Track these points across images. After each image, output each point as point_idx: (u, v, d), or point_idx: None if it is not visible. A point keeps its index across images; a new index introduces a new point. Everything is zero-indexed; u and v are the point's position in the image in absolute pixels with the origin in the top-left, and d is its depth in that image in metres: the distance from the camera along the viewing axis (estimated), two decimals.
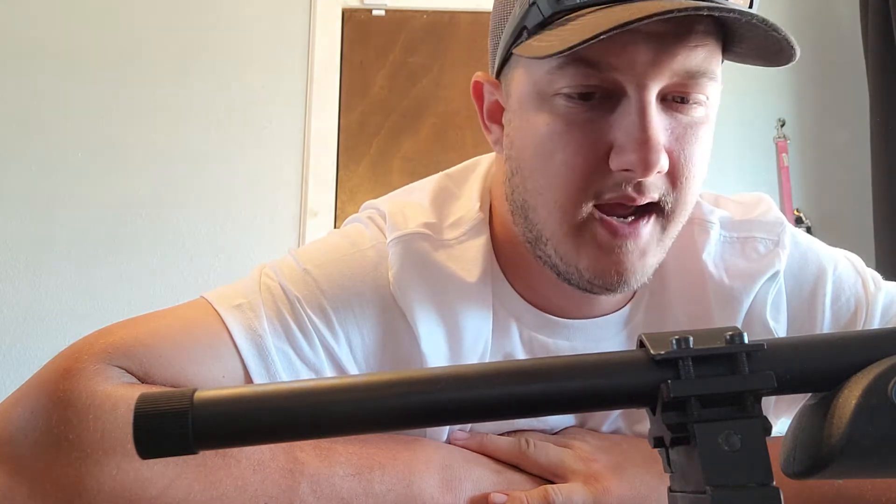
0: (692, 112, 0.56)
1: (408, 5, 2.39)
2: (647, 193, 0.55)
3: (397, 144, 2.30)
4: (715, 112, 0.59)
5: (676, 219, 0.58)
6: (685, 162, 0.56)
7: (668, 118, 0.55)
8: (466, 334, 0.64)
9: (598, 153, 0.55)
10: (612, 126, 0.54)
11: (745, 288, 0.65)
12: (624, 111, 0.54)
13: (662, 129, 0.54)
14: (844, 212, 2.34)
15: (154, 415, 0.31)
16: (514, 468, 0.63)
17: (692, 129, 0.56)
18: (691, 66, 0.54)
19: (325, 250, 0.66)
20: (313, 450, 0.57)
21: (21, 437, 0.51)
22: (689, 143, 0.56)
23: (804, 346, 0.34)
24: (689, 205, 0.59)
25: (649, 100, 0.53)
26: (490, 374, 0.33)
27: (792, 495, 0.50)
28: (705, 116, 0.57)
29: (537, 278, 0.65)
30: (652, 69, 0.53)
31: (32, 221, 2.15)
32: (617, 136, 0.54)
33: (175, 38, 2.29)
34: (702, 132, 0.57)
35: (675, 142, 0.56)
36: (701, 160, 0.57)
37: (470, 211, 0.67)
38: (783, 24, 0.51)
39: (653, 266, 0.59)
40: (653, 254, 0.58)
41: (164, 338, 0.57)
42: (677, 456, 0.32)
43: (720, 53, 0.56)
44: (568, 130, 0.55)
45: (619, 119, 0.54)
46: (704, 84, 0.55)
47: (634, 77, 0.53)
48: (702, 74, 0.54)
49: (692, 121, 0.56)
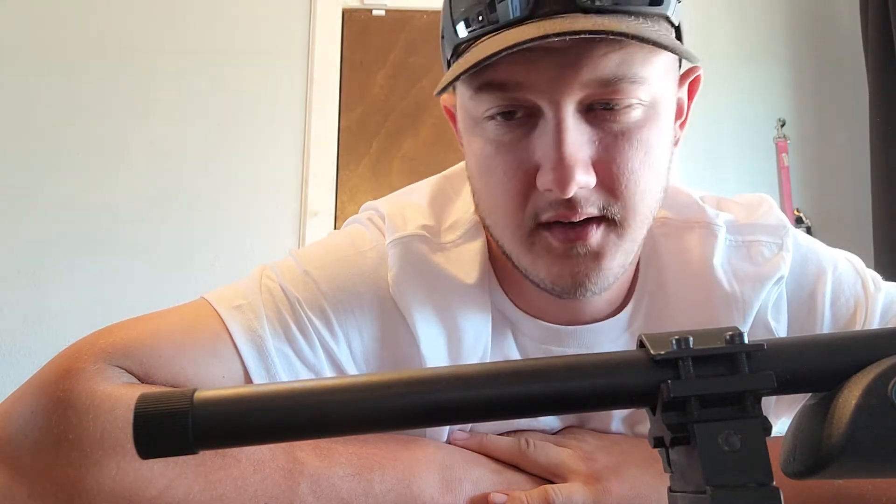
0: (624, 118, 0.54)
1: (408, 5, 2.39)
2: (580, 210, 0.54)
3: (397, 144, 2.30)
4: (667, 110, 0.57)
5: (632, 226, 0.57)
6: (619, 171, 0.54)
7: (593, 129, 0.54)
8: (466, 336, 0.64)
9: (527, 175, 0.55)
10: (534, 145, 0.54)
11: (755, 292, 0.65)
12: (542, 130, 0.54)
13: (584, 143, 0.53)
14: (844, 212, 2.34)
15: (154, 415, 0.31)
16: (514, 468, 0.63)
17: (626, 135, 0.54)
18: (603, 74, 0.52)
19: (326, 252, 0.66)
20: (313, 450, 0.57)
21: (21, 436, 0.51)
22: (622, 150, 0.54)
23: (804, 346, 0.34)
24: (642, 211, 0.57)
25: (563, 116, 0.53)
26: (490, 374, 0.33)
27: (792, 495, 0.50)
28: (644, 118, 0.55)
29: (529, 286, 0.65)
30: (560, 84, 0.52)
31: (32, 221, 2.15)
32: (538, 156, 0.54)
33: (175, 38, 2.29)
34: (642, 135, 0.55)
35: (605, 152, 0.54)
36: (644, 164, 0.55)
37: (466, 213, 0.67)
38: (784, 23, 0.51)
39: (613, 270, 0.57)
40: (610, 258, 0.57)
41: (164, 338, 0.57)
42: (677, 456, 0.32)
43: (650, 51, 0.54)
44: (497, 153, 0.56)
45: (538, 138, 0.54)
46: (626, 89, 0.53)
47: (545, 94, 0.53)
48: (619, 80, 0.52)
49: (625, 127, 0.54)
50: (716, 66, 2.32)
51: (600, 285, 0.57)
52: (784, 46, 2.43)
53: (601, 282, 0.57)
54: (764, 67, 2.40)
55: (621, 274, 0.59)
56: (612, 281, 0.58)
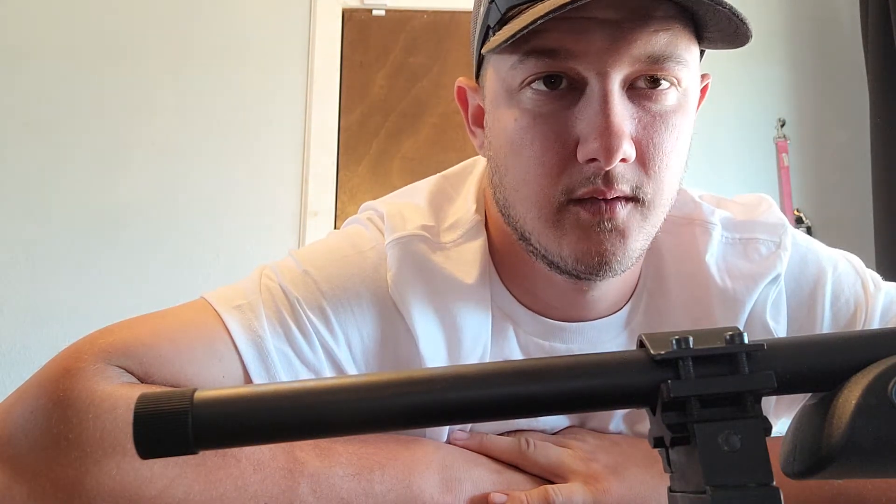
0: (662, 99, 0.55)
1: (408, 5, 2.39)
2: (616, 185, 0.54)
3: (397, 144, 2.30)
4: (693, 102, 0.58)
5: (656, 208, 0.57)
6: (655, 150, 0.55)
7: (635, 107, 0.55)
8: (465, 336, 0.64)
9: (566, 147, 0.55)
10: (576, 118, 0.54)
11: (748, 290, 0.65)
12: (587, 101, 0.54)
13: (627, 118, 0.54)
14: (844, 212, 2.34)
15: (154, 415, 0.31)
16: (514, 468, 0.63)
17: (662, 118, 0.55)
18: (653, 50, 0.53)
19: (326, 251, 0.66)
20: (313, 450, 0.57)
21: (21, 436, 0.51)
22: (659, 131, 0.55)
23: (804, 346, 0.34)
24: (667, 195, 0.58)
25: (610, 88, 0.53)
26: (490, 374, 0.33)
27: (792, 495, 0.50)
28: (678, 105, 0.56)
29: (532, 281, 0.65)
30: (610, 56, 0.53)
31: (32, 221, 2.15)
32: (581, 128, 0.54)
33: (175, 39, 2.29)
34: (675, 120, 0.56)
35: (643, 130, 0.55)
36: (674, 149, 0.56)
37: (466, 213, 0.67)
38: (784, 24, 0.51)
39: (636, 252, 0.58)
40: (634, 238, 0.57)
41: (163, 338, 0.57)
42: (677, 456, 0.32)
43: (690, 40, 0.55)
44: (535, 124, 0.56)
45: (582, 110, 0.54)
46: (672, 68, 0.54)
47: (594, 65, 0.53)
48: (666, 58, 0.53)
49: (662, 108, 0.55)
50: (716, 67, 2.31)
51: (624, 264, 0.57)
52: (784, 46, 2.43)
53: (625, 260, 0.57)
54: (764, 67, 2.40)
55: (637, 258, 0.59)
56: (632, 262, 0.58)
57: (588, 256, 0.56)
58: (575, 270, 0.58)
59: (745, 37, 0.54)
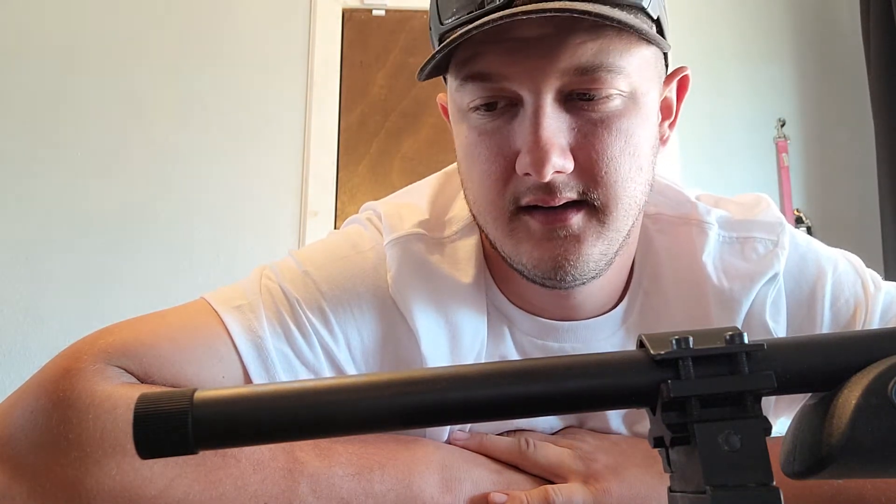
0: (603, 107, 0.55)
1: (408, 5, 2.39)
2: (559, 194, 0.55)
3: (397, 144, 2.30)
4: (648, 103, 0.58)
5: (614, 213, 0.57)
6: (598, 156, 0.55)
7: (572, 117, 0.55)
8: (464, 335, 0.64)
9: (508, 159, 0.56)
10: (514, 133, 0.56)
11: (745, 289, 0.65)
12: (521, 118, 0.56)
13: (561, 130, 0.55)
14: (844, 212, 2.34)
15: (154, 415, 0.31)
16: (514, 468, 0.63)
17: (605, 123, 0.55)
18: (580, 62, 0.54)
19: (325, 252, 0.66)
20: (313, 450, 0.57)
21: (21, 436, 0.51)
22: (601, 137, 0.55)
23: (804, 346, 0.34)
24: (626, 198, 0.57)
25: (541, 103, 0.54)
26: (490, 374, 0.33)
27: (792, 495, 0.50)
28: (624, 109, 0.56)
29: (518, 283, 0.65)
30: (538, 73, 0.54)
31: (32, 221, 2.15)
32: (517, 142, 0.56)
33: (175, 39, 2.29)
34: (622, 124, 0.56)
35: (584, 139, 0.55)
36: (624, 152, 0.56)
37: (463, 209, 0.68)
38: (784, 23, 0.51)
39: (594, 257, 0.58)
40: (591, 244, 0.57)
41: (163, 338, 0.57)
42: (677, 456, 0.32)
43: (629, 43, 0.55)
44: (480, 141, 0.58)
45: (518, 125, 0.56)
46: (604, 78, 0.54)
47: (525, 84, 0.54)
48: (596, 68, 0.54)
49: (604, 115, 0.55)
50: (716, 66, 2.32)
51: (580, 270, 0.57)
52: (785, 46, 2.43)
53: (581, 266, 0.57)
54: (764, 67, 2.40)
55: (604, 263, 0.59)
56: (592, 268, 0.58)
57: (543, 263, 0.57)
58: (534, 277, 0.59)
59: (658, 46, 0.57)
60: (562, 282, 0.58)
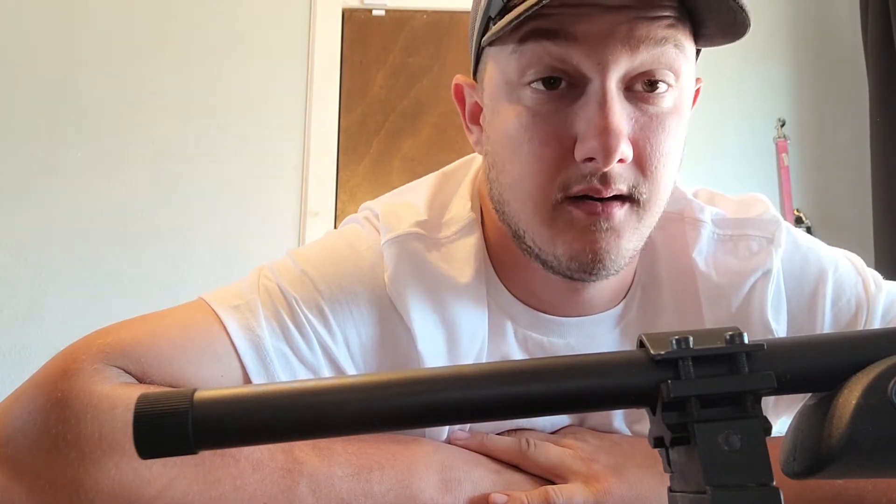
0: (659, 102, 0.56)
1: (408, 5, 2.39)
2: (613, 185, 0.55)
3: (397, 144, 2.30)
4: (687, 104, 0.58)
5: (651, 209, 0.58)
6: (652, 152, 0.56)
7: (632, 108, 0.55)
8: (463, 334, 0.64)
9: (564, 144, 0.55)
10: (576, 116, 0.55)
11: (733, 285, 0.65)
12: (586, 100, 0.54)
13: (625, 118, 0.54)
14: (844, 212, 2.34)
15: (154, 415, 0.31)
16: (515, 468, 0.63)
17: (659, 120, 0.56)
18: (654, 34, 0.53)
19: (323, 251, 0.66)
20: (312, 450, 0.57)
21: (19, 437, 0.51)
22: (656, 133, 0.56)
23: (804, 346, 0.34)
24: (663, 196, 0.58)
25: (609, 86, 0.53)
26: (490, 374, 0.33)
27: (792, 495, 0.50)
28: (674, 107, 0.57)
29: (528, 277, 0.65)
30: (610, 41, 0.53)
31: (32, 221, 2.15)
32: (580, 126, 0.54)
33: (175, 38, 2.29)
34: (671, 122, 0.56)
35: (641, 131, 0.55)
36: (670, 150, 0.57)
37: (462, 210, 0.68)
38: (784, 23, 0.51)
39: (629, 251, 0.58)
40: (628, 238, 0.57)
41: (162, 338, 0.57)
42: (677, 456, 0.32)
43: (686, 32, 0.56)
44: (535, 122, 0.56)
45: (581, 108, 0.54)
46: (671, 54, 0.54)
47: (594, 53, 0.53)
48: (665, 41, 0.54)
49: (659, 111, 0.56)
50: (716, 67, 2.32)
51: (617, 264, 0.57)
52: (784, 46, 2.43)
53: (618, 260, 0.57)
54: (764, 67, 2.40)
55: (631, 258, 0.59)
56: (625, 262, 0.58)
57: (582, 255, 0.56)
58: (568, 270, 0.58)
59: (743, 26, 0.55)
60: (596, 275, 0.57)
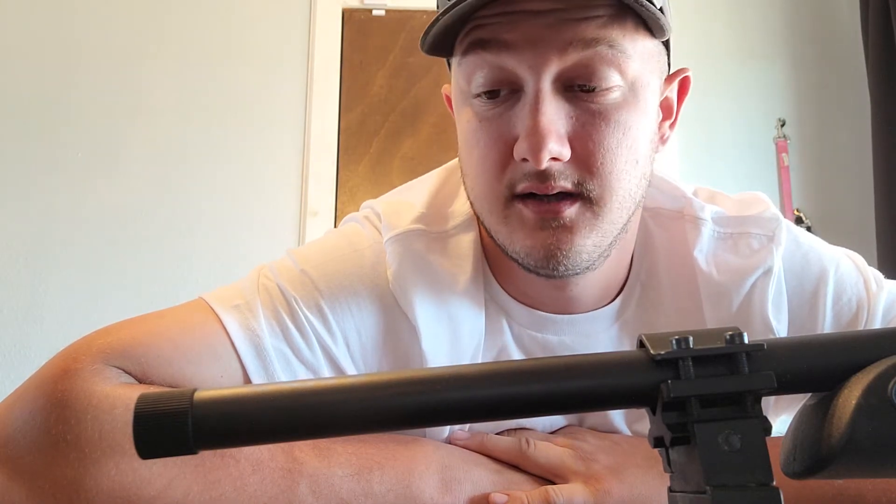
0: (602, 98, 0.56)
1: (408, 5, 2.39)
2: (554, 182, 0.55)
3: (397, 144, 2.30)
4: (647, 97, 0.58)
5: (608, 205, 0.57)
6: (596, 147, 0.56)
7: (572, 106, 0.56)
8: (463, 330, 0.64)
9: (507, 146, 0.57)
10: (516, 118, 0.56)
11: (734, 283, 0.65)
12: (522, 104, 0.56)
13: (562, 117, 0.55)
14: (844, 212, 2.34)
15: (154, 415, 0.31)
16: (515, 468, 0.63)
17: (603, 115, 0.56)
18: (584, 34, 0.54)
19: (323, 250, 0.66)
20: (312, 450, 0.57)
21: (19, 437, 0.51)
22: (599, 128, 0.56)
23: (804, 346, 0.34)
24: (621, 191, 0.57)
25: (542, 87, 0.55)
26: (490, 374, 0.33)
27: (792, 495, 0.50)
28: (623, 101, 0.56)
29: (517, 276, 0.65)
30: (541, 45, 0.54)
31: (32, 221, 2.15)
32: (518, 128, 0.56)
33: (175, 38, 2.29)
34: (620, 116, 0.56)
35: (582, 128, 0.56)
36: (621, 145, 0.56)
37: (462, 205, 0.68)
38: (784, 23, 0.51)
39: (589, 248, 0.58)
40: (584, 235, 0.57)
41: (161, 338, 0.57)
42: (677, 456, 0.32)
43: (627, 29, 0.56)
44: (482, 126, 0.58)
45: (520, 111, 0.56)
46: (605, 55, 0.54)
47: (526, 57, 0.55)
48: (597, 42, 0.54)
49: (603, 107, 0.56)
50: (716, 66, 2.32)
51: (573, 260, 0.57)
52: (784, 46, 2.43)
53: (573, 257, 0.57)
54: (764, 67, 2.40)
55: (598, 255, 0.59)
56: (586, 259, 0.58)
57: (535, 252, 0.57)
58: (527, 266, 0.59)
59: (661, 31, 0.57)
60: (555, 271, 0.58)
